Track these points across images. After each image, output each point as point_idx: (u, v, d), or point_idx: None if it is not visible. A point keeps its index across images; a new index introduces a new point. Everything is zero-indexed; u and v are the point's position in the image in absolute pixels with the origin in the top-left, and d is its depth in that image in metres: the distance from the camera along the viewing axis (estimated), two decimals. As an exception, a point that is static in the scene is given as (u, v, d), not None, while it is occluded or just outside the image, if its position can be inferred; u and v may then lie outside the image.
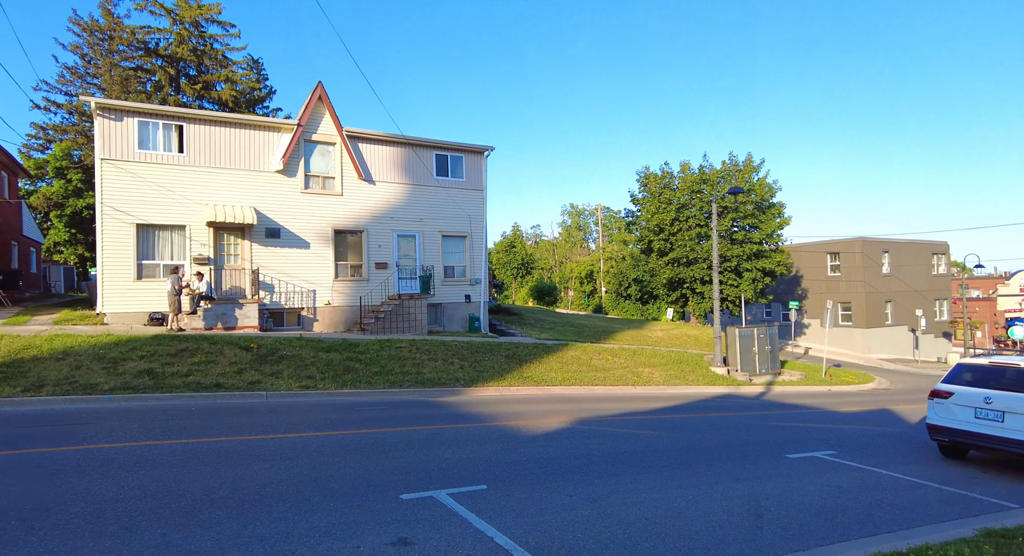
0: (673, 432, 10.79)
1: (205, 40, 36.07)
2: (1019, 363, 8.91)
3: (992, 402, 8.68)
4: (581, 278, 56.21)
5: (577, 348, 20.58)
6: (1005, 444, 8.47)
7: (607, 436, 9.93)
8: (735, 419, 13.01)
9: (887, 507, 6.68)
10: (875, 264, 37.31)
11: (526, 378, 16.07)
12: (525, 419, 11.15)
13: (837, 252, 38.04)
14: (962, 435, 8.95)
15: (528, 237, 70.70)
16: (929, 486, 7.78)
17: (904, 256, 39.05)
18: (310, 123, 18.75)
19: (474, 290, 21.60)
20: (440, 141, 20.89)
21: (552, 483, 6.84)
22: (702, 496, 6.66)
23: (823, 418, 13.94)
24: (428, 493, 6.15)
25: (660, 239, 30.67)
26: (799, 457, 9.10)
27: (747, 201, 29.58)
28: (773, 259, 29.59)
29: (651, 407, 14.09)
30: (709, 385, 18.86)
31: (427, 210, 20.75)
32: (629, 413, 12.86)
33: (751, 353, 21.86)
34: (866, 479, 7.92)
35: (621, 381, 17.52)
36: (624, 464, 7.98)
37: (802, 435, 11.20)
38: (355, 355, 15.43)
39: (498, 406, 12.68)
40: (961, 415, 9.01)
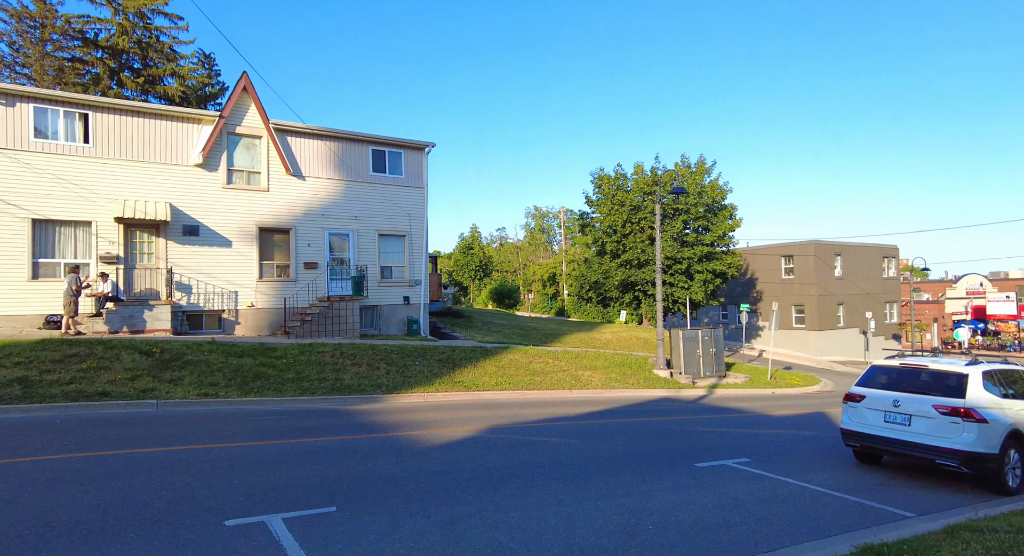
0: (587, 439, 10.24)
1: (151, 32, 34.57)
2: (927, 365, 8.61)
3: (900, 405, 8.34)
4: (544, 281, 55.79)
5: (519, 351, 19.99)
6: (911, 448, 8.14)
7: (513, 445, 9.32)
8: (662, 424, 12.55)
9: (777, 521, 6.20)
10: (828, 267, 37.72)
11: (456, 383, 15.40)
12: (434, 428, 10.47)
13: (791, 255, 38.35)
14: (872, 440, 8.59)
15: (493, 239, 70.11)
16: (831, 496, 7.35)
17: (856, 259, 39.61)
18: (234, 115, 17.78)
19: (413, 292, 20.83)
20: (377, 136, 20.10)
21: (417, 503, 6.18)
22: (579, 514, 6.08)
23: (754, 423, 13.60)
24: (260, 518, 5.43)
25: (613, 241, 30.36)
26: (708, 466, 8.62)
27: (698, 203, 29.48)
28: (724, 261, 29.53)
29: (579, 412, 13.56)
30: (649, 388, 18.46)
31: (363, 208, 19.92)
32: (552, 419, 12.28)
33: (695, 355, 21.58)
34: (768, 490, 7.47)
35: (558, 385, 16.98)
36: (512, 478, 7.37)
37: (723, 441, 10.78)
38: (270, 360, 14.54)
39: (414, 414, 11.98)
40: (872, 419, 8.66)
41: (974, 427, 7.68)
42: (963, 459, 7.67)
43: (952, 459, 7.75)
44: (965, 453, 7.66)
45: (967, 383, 8.03)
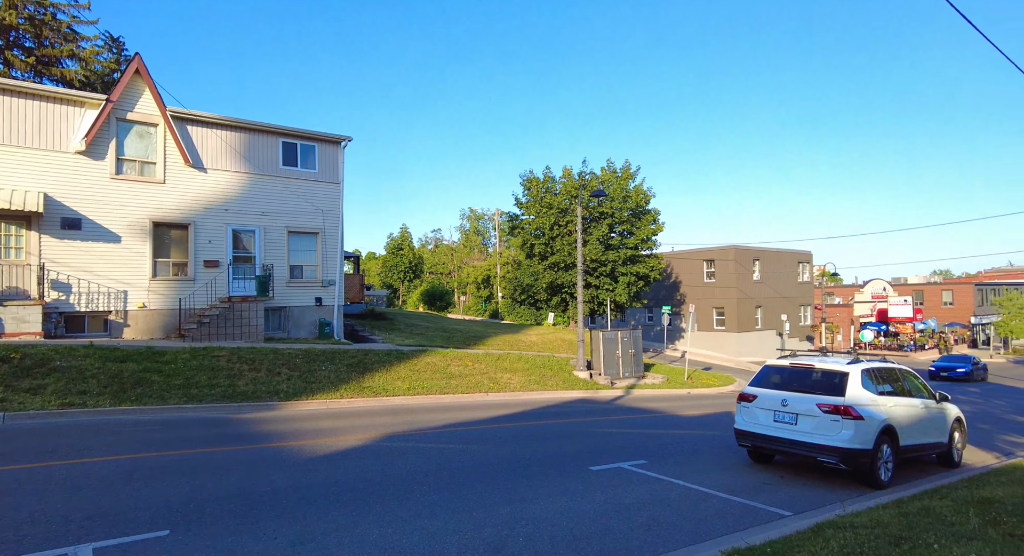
0: (489, 444, 9.88)
1: (45, 9, 31.64)
2: (814, 364, 8.79)
3: (788, 404, 8.46)
4: (478, 283, 55.38)
5: (437, 354, 19.46)
6: (797, 447, 8.26)
7: (404, 454, 8.82)
8: (571, 426, 12.38)
9: (657, 527, 6.03)
10: (747, 271, 39.32)
11: (364, 388, 14.71)
12: (325, 437, 9.82)
13: (712, 259, 39.72)
14: (762, 439, 8.68)
15: (428, 241, 69.08)
16: (717, 497, 7.31)
17: (773, 264, 41.52)
18: (125, 100, 16.35)
19: (327, 293, 19.89)
20: (288, 128, 19.07)
21: (270, 521, 5.60)
22: (449, 528, 5.68)
23: (662, 423, 13.68)
24: (64, 550, 4.70)
25: (541, 243, 30.37)
26: (603, 469, 8.45)
27: (623, 207, 29.95)
28: (647, 264, 30.13)
29: (490, 416, 13.20)
30: (568, 390, 18.38)
31: (271, 203, 18.83)
32: (459, 424, 11.86)
33: (615, 357, 21.77)
34: (656, 493, 7.34)
35: (475, 388, 16.59)
36: (390, 489, 6.88)
37: (626, 443, 10.69)
38: (156, 365, 13.36)
39: (310, 422, 11.25)
40: (762, 419, 8.75)
41: (851, 424, 7.86)
42: (841, 456, 7.84)
43: (832, 456, 7.90)
44: (843, 450, 7.83)
45: (847, 381, 8.23)
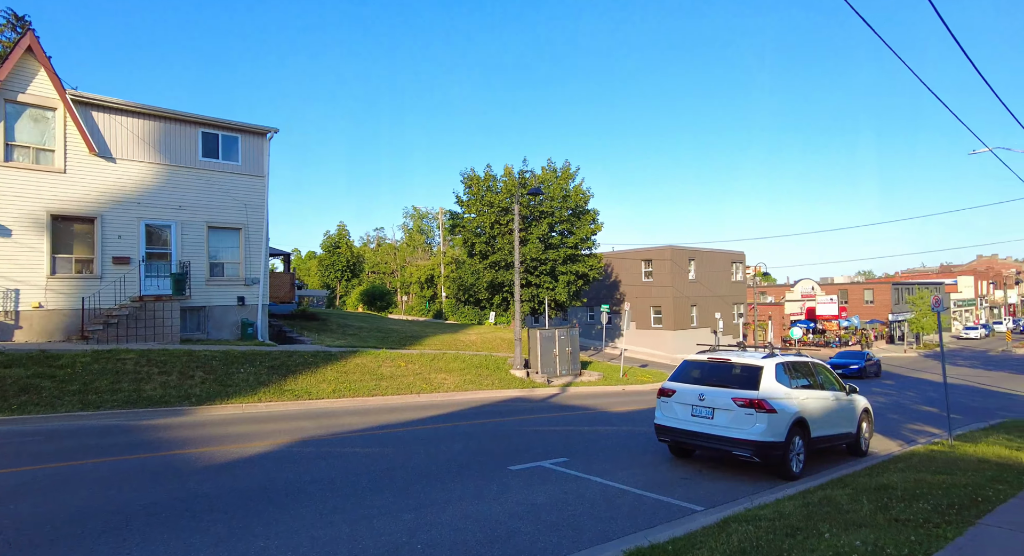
0: (409, 447, 9.51)
1: (-70, -22, 28.82)
2: (730, 358, 8.90)
3: (705, 399, 8.52)
4: (421, 282, 54.56)
5: (369, 355, 18.86)
6: (713, 441, 8.32)
7: (314, 459, 8.34)
8: (500, 426, 12.15)
9: (566, 527, 5.86)
10: (683, 271, 40.37)
11: (286, 392, 14.01)
12: (233, 443, 9.20)
13: (650, 259, 40.57)
14: (681, 434, 8.71)
15: (370, 239, 67.52)
16: (632, 494, 7.23)
17: (708, 264, 42.82)
18: (15, 81, 14.98)
19: (250, 291, 18.92)
20: (208, 117, 18.00)
21: (135, 540, 5.07)
22: (343, 537, 5.32)
23: (592, 420, 13.67)
24: None
25: (481, 242, 30.11)
26: (522, 469, 8.25)
27: (563, 207, 30.08)
28: (587, 263, 30.38)
29: (418, 417, 12.81)
30: (503, 389, 18.19)
31: (190, 196, 17.73)
32: (383, 426, 11.42)
33: (552, 355, 21.75)
34: (572, 492, 7.19)
35: (407, 389, 16.13)
36: (289, 498, 6.43)
37: (552, 440, 10.56)
38: (50, 370, 12.26)
39: (220, 428, 10.55)
40: (681, 413, 8.79)
41: (765, 417, 7.97)
42: (754, 449, 7.94)
43: (745, 449, 7.99)
44: (756, 443, 7.93)
45: (761, 375, 8.36)
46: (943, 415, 17.45)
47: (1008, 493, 6.26)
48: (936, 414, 17.87)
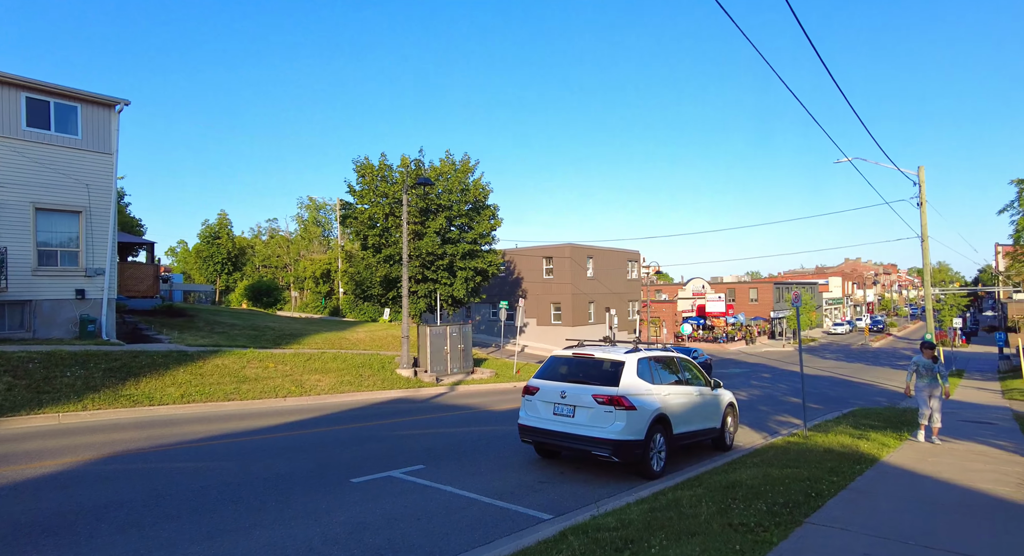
0: (244, 460, 8.35)
1: None
2: (593, 354, 8.56)
3: (567, 396, 8.10)
4: (317, 278, 51.64)
5: (233, 355, 17.11)
6: (574, 441, 7.91)
7: (113, 479, 7.02)
8: (367, 430, 11.19)
9: (390, 550, 5.11)
10: (581, 268, 40.99)
11: (122, 397, 12.21)
12: (14, 463, 7.60)
13: (551, 256, 40.86)
14: (542, 434, 8.24)
15: (262, 231, 63.19)
16: (481, 503, 6.62)
17: (605, 262, 43.84)
18: None
19: (93, 284, 16.53)
20: (35, 81, 15.44)
21: None
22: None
23: (471, 420, 13.03)
24: None
25: (375, 234, 28.65)
26: (366, 481, 7.41)
27: (462, 200, 29.33)
28: (486, 259, 29.83)
29: (273, 424, 11.56)
30: (385, 390, 17.15)
31: (9, 172, 15.13)
32: (222, 436, 10.10)
33: (443, 353, 20.98)
34: (412, 505, 6.45)
35: (272, 393, 14.70)
36: (57, 531, 5.19)
37: (415, 445, 9.77)
38: None
39: (12, 444, 8.82)
40: (543, 412, 8.32)
41: (624, 415, 7.66)
42: (613, 448, 7.60)
43: (604, 449, 7.64)
44: (615, 441, 7.60)
45: (623, 371, 8.06)
46: (810, 406, 18.57)
47: (840, 485, 6.29)
48: (801, 405, 18.98)
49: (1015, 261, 27.97)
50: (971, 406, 18.14)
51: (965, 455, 8.82)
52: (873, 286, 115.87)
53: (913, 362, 10.35)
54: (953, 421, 13.67)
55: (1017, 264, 27.99)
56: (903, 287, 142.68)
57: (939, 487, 6.65)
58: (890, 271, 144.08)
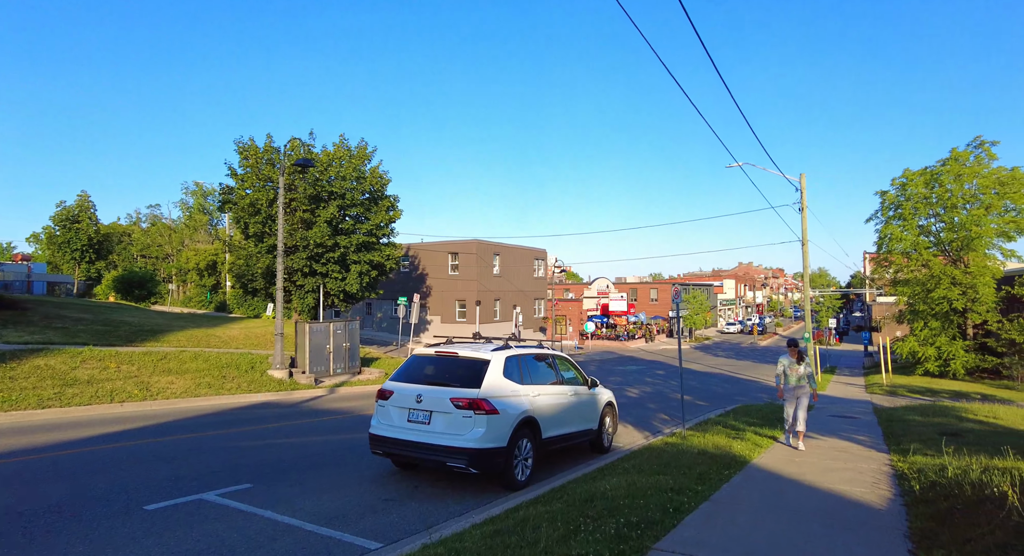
0: (15, 485, 6.67)
1: None
2: (457, 352, 7.66)
3: (423, 400, 7.14)
4: (201, 270, 47.34)
5: (64, 354, 14.67)
6: (428, 451, 6.95)
7: None
8: (206, 442, 9.62)
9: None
10: (487, 265, 40.31)
11: None
12: None
13: (457, 252, 39.85)
14: (395, 445, 7.22)
15: (143, 218, 57.24)
16: (300, 531, 5.51)
17: (512, 259, 43.46)
18: None
19: None
20: None
21: None
22: None
23: (336, 427, 11.74)
24: None
25: (256, 222, 26.26)
26: (167, 506, 6.06)
27: (357, 189, 27.60)
28: (383, 252, 28.27)
29: (93, 434, 9.72)
30: (252, 393, 15.39)
31: None
32: (10, 453, 8.21)
33: (325, 352, 19.36)
34: (209, 538, 5.23)
35: (108, 397, 12.61)
36: None
37: (250, 460, 8.41)
38: None
39: None
40: (397, 419, 7.31)
41: (484, 420, 6.82)
42: (470, 458, 6.73)
43: (460, 459, 6.75)
44: (472, 451, 6.73)
45: (486, 371, 7.22)
46: (696, 403, 18.88)
47: (704, 495, 5.81)
48: (689, 403, 19.23)
49: (879, 266, 30.43)
50: (840, 401, 19.21)
51: (828, 453, 8.80)
52: (763, 289, 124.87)
53: (780, 362, 9.89)
54: (823, 416, 14.16)
55: (880, 269, 30.46)
56: (788, 290, 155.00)
57: (800, 492, 6.36)
58: (778, 275, 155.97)
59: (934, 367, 25.98)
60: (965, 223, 25.57)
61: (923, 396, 20.01)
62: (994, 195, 25.40)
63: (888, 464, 7.82)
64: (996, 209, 25.48)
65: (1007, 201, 25.35)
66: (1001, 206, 25.45)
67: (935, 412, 13.34)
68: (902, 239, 27.51)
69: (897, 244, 27.84)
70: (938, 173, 26.79)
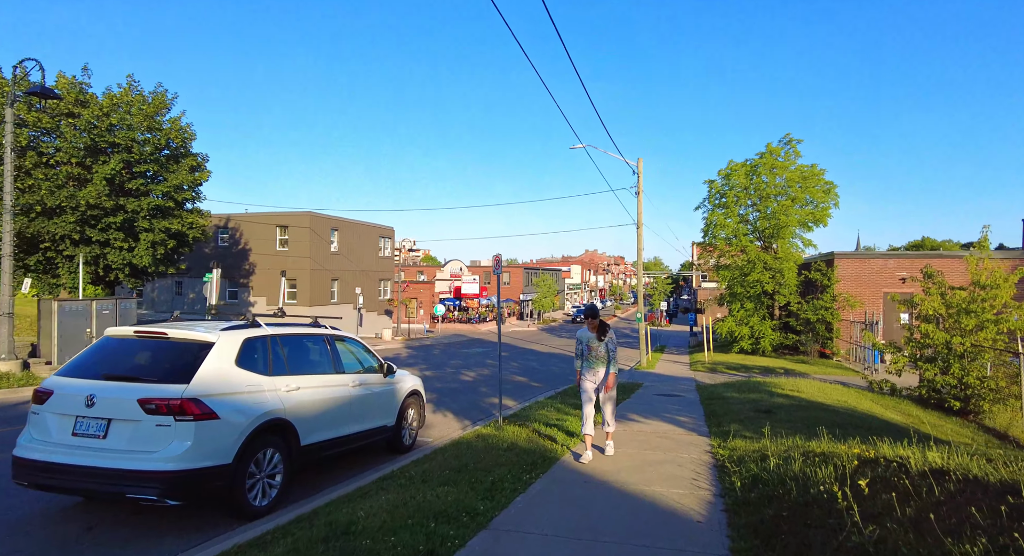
0: None
1: None
2: (166, 332, 5.38)
3: (96, 403, 4.78)
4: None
5: None
6: (101, 481, 4.64)
7: None
8: None
9: None
10: (323, 241, 36.70)
11: None
12: None
13: (286, 225, 35.71)
14: (51, 473, 4.77)
15: None
16: None
17: (353, 236, 40.18)
18: None
19: None
20: None
21: None
22: None
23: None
24: None
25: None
26: None
27: (150, 142, 22.83)
28: (185, 219, 23.83)
29: None
30: (-51, 394, 11.33)
31: None
32: None
33: (85, 337, 15.34)
34: None
35: None
36: None
37: None
38: None
39: None
40: (58, 432, 4.87)
41: (191, 429, 4.68)
42: (165, 485, 4.56)
43: (149, 488, 4.56)
44: (169, 475, 4.57)
45: (205, 358, 5.06)
46: (531, 385, 18.05)
47: (482, 520, 4.33)
48: (524, 384, 18.35)
49: (705, 251, 32.50)
50: (668, 379, 19.62)
51: (650, 440, 7.95)
52: (606, 274, 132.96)
53: (577, 339, 6.96)
54: (649, 395, 13.86)
55: (706, 254, 32.56)
56: (628, 276, 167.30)
57: (610, 501, 5.15)
58: (619, 262, 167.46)
59: (747, 345, 28.18)
60: (776, 212, 27.90)
61: (738, 372, 21.22)
62: (798, 188, 28.00)
63: (709, 451, 7.06)
64: (800, 201, 28.13)
65: (807, 195, 28.11)
66: (804, 198, 28.14)
67: (749, 388, 13.60)
68: (725, 226, 29.41)
69: (721, 231, 29.74)
70: (757, 165, 28.96)
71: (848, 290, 25.49)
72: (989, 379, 12.67)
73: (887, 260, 25.94)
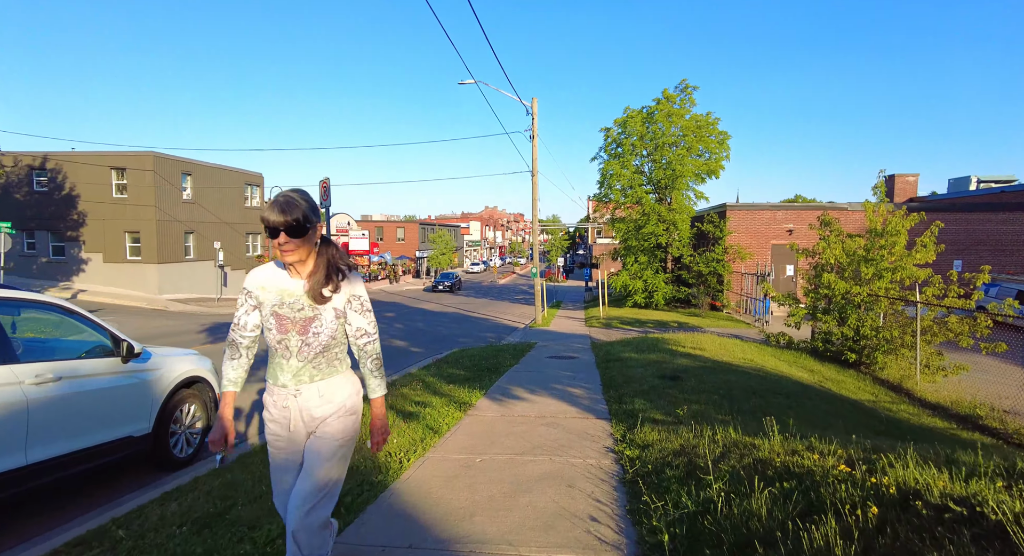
0: None
1: None
2: None
3: None
4: None
5: None
6: None
7: None
8: None
9: None
10: (173, 188, 31.26)
11: None
12: None
13: (124, 168, 29.85)
14: None
15: None
16: None
17: (211, 183, 34.77)
18: None
19: None
20: None
21: None
22: None
23: None
24: None
25: None
26: None
27: None
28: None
29: None
30: None
31: None
32: None
33: None
34: None
35: None
36: None
37: None
38: None
39: None
40: None
41: None
42: None
43: None
44: None
45: None
46: (410, 350, 15.73)
47: None
48: (404, 348, 16.01)
49: (600, 204, 31.32)
50: (562, 336, 18.11)
51: (533, 431, 5.91)
52: (506, 231, 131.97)
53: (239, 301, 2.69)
54: (542, 357, 12.06)
55: (601, 206, 31.41)
56: (528, 233, 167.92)
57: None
58: (519, 220, 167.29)
59: (641, 299, 27.59)
60: (672, 162, 27.01)
61: (633, 327, 20.23)
62: (693, 138, 27.21)
63: (612, 450, 5.11)
64: (695, 151, 27.41)
65: (701, 145, 27.44)
66: (698, 148, 27.44)
67: (648, 347, 12.19)
68: (621, 176, 28.21)
69: (616, 181, 28.54)
70: (653, 112, 27.76)
71: (739, 242, 25.34)
72: (883, 329, 12.16)
73: (775, 212, 26.02)
